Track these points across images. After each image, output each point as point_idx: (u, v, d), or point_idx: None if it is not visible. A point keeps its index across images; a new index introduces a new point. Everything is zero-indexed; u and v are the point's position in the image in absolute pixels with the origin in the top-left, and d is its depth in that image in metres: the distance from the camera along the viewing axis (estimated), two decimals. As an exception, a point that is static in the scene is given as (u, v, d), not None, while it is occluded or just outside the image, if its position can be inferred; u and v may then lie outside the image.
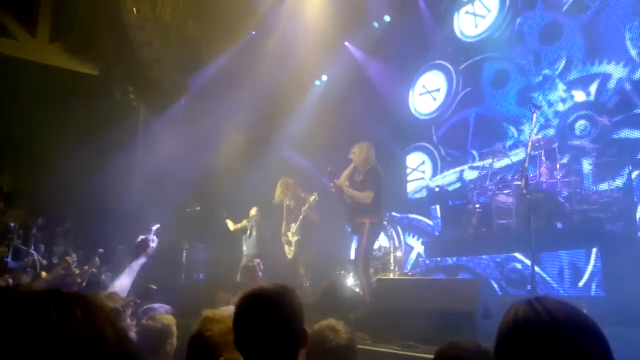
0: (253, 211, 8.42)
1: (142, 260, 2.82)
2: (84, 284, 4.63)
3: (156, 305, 3.77)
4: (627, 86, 7.24)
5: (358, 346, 2.55)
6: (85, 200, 9.38)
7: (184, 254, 8.30)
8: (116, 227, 8.90)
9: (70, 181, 9.15)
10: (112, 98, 10.45)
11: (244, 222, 8.35)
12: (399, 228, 9.14)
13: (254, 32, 10.74)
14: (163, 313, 3.61)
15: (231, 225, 8.40)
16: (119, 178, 9.75)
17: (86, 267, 4.57)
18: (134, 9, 9.02)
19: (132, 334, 2.73)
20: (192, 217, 8.89)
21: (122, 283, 2.73)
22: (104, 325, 0.67)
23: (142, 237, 2.82)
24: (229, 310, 2.79)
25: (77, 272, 4.41)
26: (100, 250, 5.50)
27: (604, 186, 6.66)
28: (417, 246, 9.07)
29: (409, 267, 8.33)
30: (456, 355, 1.86)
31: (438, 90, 10.05)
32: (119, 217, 8.86)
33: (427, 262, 7.88)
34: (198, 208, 8.84)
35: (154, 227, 2.78)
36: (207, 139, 9.99)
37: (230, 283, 6.57)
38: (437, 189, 8.67)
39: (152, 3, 9.49)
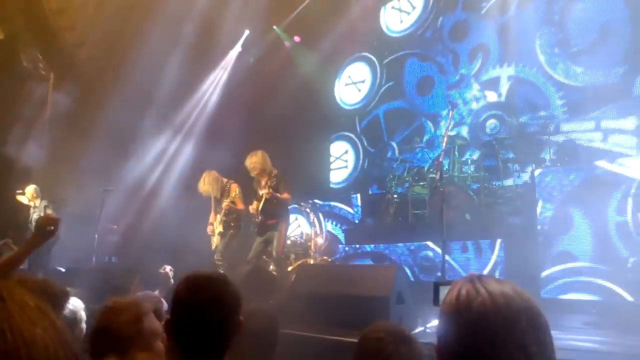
0: (30, 190, 7.82)
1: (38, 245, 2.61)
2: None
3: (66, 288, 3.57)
4: (534, 89, 7.83)
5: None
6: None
7: (95, 236, 7.89)
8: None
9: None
10: (19, 65, 9.65)
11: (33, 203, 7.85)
12: (320, 215, 9.30)
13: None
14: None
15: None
16: (24, 150, 9.06)
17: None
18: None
19: None
20: (104, 197, 8.45)
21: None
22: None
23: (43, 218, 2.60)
24: (137, 297, 2.67)
25: None
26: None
27: (509, 182, 7.18)
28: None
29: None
30: (379, 337, 1.95)
31: (363, 82, 10.27)
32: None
33: (347, 249, 8.11)
34: (111, 188, 8.41)
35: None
36: (123, 114, 9.50)
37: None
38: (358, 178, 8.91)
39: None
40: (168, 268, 3.66)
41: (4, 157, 8.64)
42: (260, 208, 6.15)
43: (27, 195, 7.81)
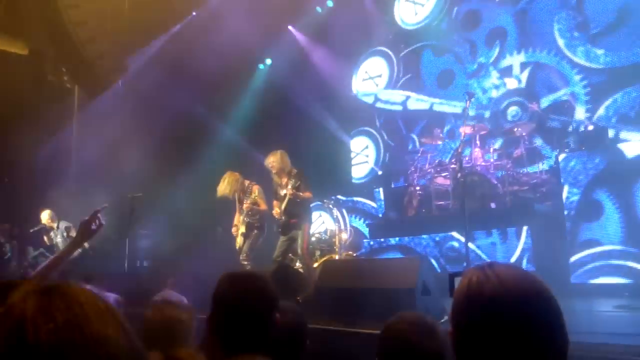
0: (45, 216, 7.89)
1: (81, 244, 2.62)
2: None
3: (105, 293, 3.69)
4: (555, 74, 7.71)
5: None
6: (17, 185, 8.94)
7: (127, 241, 8.09)
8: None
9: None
10: (44, 79, 9.93)
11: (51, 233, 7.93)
12: (344, 211, 9.33)
13: (194, 13, 10.50)
14: (112, 302, 3.55)
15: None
16: (52, 163, 9.34)
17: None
18: (67, -14, 8.58)
19: None
20: (134, 204, 8.65)
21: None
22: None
23: (85, 218, 2.57)
24: (172, 297, 2.76)
25: None
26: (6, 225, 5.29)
27: (533, 168, 7.09)
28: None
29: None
30: (402, 329, 1.97)
31: (380, 76, 10.25)
32: (52, 204, 8.49)
33: (372, 243, 8.13)
34: (140, 194, 8.60)
35: (101, 207, 2.49)
36: (148, 123, 9.70)
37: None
38: (380, 172, 8.92)
39: (86, -20, 9.05)
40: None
41: (33, 171, 8.91)
42: (283, 208, 6.21)
43: (44, 220, 7.97)
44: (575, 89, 7.44)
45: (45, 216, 7.97)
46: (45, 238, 7.96)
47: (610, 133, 6.64)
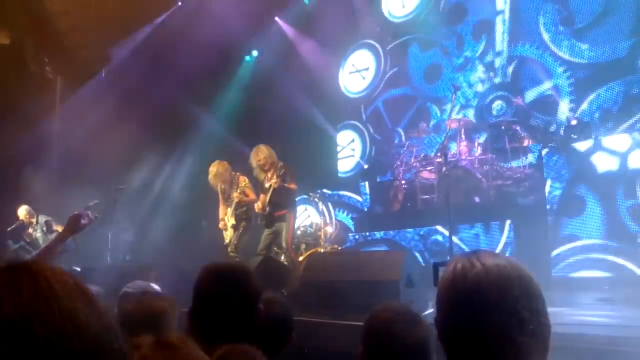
0: (23, 212, 7.77)
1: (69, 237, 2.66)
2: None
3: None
4: (540, 68, 7.77)
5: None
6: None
7: (109, 235, 8.00)
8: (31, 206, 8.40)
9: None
10: (26, 70, 9.75)
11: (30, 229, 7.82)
12: (329, 204, 9.33)
13: (179, 3, 10.38)
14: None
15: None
16: (34, 155, 9.19)
17: None
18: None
19: None
20: (117, 196, 8.56)
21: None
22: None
23: (75, 212, 2.62)
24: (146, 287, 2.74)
25: None
26: None
27: (517, 163, 7.15)
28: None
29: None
30: (387, 317, 1.98)
31: (367, 69, 10.24)
32: (33, 197, 8.35)
33: (357, 237, 8.14)
34: (123, 186, 8.51)
35: (92, 203, 2.54)
36: (132, 115, 9.58)
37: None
38: (366, 166, 8.93)
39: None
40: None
41: (14, 163, 8.75)
42: (267, 200, 6.17)
43: (21, 216, 7.78)
44: (559, 81, 7.51)
45: (22, 212, 7.80)
46: (25, 234, 7.83)
47: (593, 129, 6.68)
